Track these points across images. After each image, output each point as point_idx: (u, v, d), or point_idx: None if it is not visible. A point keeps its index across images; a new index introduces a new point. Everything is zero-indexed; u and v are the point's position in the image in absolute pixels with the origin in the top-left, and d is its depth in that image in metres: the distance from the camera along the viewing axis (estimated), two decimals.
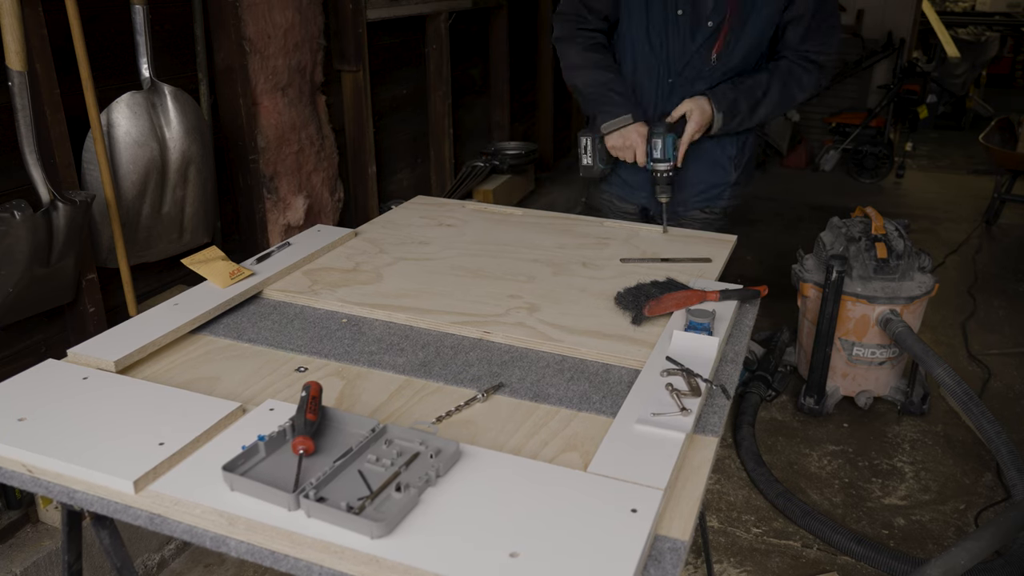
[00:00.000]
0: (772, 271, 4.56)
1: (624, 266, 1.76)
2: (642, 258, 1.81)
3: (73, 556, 1.32)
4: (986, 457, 2.90)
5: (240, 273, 1.62)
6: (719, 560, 2.41)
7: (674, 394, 1.20)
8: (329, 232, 1.92)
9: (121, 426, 1.12)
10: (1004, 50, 9.58)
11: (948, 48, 7.37)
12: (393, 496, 0.97)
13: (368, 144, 3.43)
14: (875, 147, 6.40)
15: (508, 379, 1.31)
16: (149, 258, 2.38)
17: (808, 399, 3.14)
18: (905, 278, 3.06)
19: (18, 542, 2.09)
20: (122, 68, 2.29)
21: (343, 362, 1.37)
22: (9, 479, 1.08)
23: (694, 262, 1.78)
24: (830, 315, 2.98)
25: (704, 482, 1.06)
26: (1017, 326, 3.96)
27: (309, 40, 2.93)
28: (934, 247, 4.95)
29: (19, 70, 1.85)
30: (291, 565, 0.92)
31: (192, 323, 1.46)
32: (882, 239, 3.06)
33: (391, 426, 1.11)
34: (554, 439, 1.15)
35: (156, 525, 0.98)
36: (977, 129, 6.47)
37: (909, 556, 2.35)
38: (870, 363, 3.13)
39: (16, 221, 1.84)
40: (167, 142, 2.27)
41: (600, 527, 0.93)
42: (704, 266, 1.77)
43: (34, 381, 1.24)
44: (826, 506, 2.65)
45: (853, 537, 2.41)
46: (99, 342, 1.36)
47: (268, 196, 2.86)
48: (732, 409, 2.83)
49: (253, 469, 1.03)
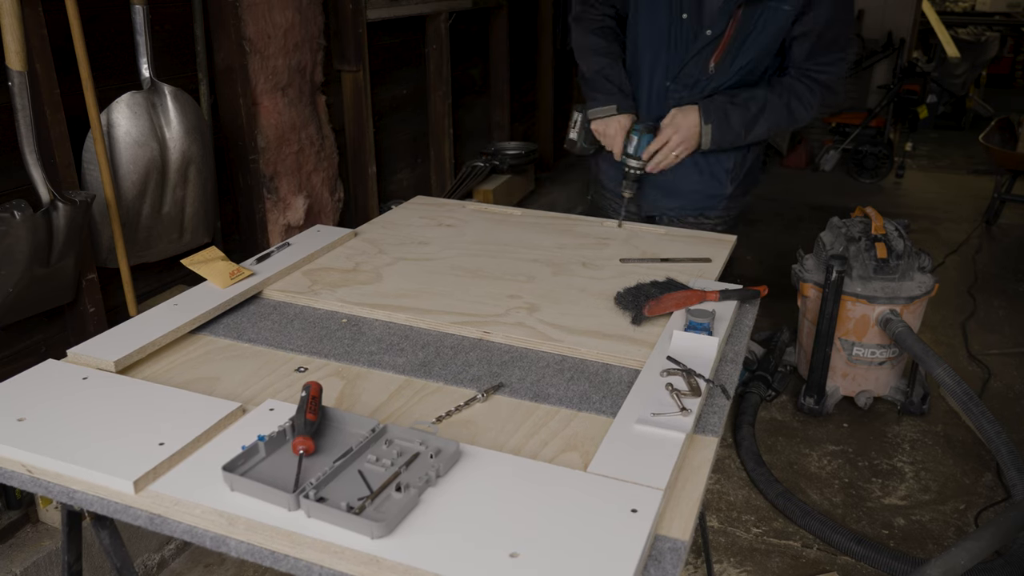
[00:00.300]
0: (772, 271, 4.56)
1: (624, 266, 1.76)
2: (642, 258, 1.81)
3: (73, 556, 1.32)
4: (986, 457, 2.90)
5: (240, 273, 1.62)
6: (719, 560, 2.41)
7: (674, 394, 1.20)
8: (329, 232, 1.92)
9: (121, 426, 1.12)
10: (1004, 50, 9.57)
11: (948, 48, 7.37)
12: (393, 496, 0.97)
13: (368, 144, 3.43)
14: (875, 147, 6.40)
15: (508, 379, 1.31)
16: (149, 258, 2.38)
17: (808, 399, 3.14)
18: (905, 278, 3.06)
19: (18, 542, 2.09)
20: (122, 68, 2.29)
21: (343, 362, 1.37)
22: (9, 479, 1.08)
23: (694, 262, 1.78)
24: (830, 315, 2.98)
25: (704, 482, 1.06)
26: (1017, 326, 3.96)
27: (309, 40, 2.93)
28: (934, 247, 4.95)
29: (19, 70, 1.85)
30: (291, 565, 0.92)
31: (192, 323, 1.46)
32: (882, 239, 3.06)
33: (391, 426, 1.11)
34: (554, 439, 1.15)
35: (156, 525, 0.98)
36: (977, 129, 6.47)
37: (909, 556, 2.35)
38: (870, 363, 3.13)
39: (16, 221, 1.84)
40: (167, 142, 2.27)
41: (600, 527, 0.93)
42: (704, 266, 1.77)
43: (34, 381, 1.24)
44: (826, 506, 2.65)
45: (853, 537, 2.41)
46: (99, 342, 1.36)
47: (268, 196, 2.86)
48: (732, 409, 2.83)
49: (253, 469, 1.03)
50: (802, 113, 2.06)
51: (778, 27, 1.97)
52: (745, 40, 1.99)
